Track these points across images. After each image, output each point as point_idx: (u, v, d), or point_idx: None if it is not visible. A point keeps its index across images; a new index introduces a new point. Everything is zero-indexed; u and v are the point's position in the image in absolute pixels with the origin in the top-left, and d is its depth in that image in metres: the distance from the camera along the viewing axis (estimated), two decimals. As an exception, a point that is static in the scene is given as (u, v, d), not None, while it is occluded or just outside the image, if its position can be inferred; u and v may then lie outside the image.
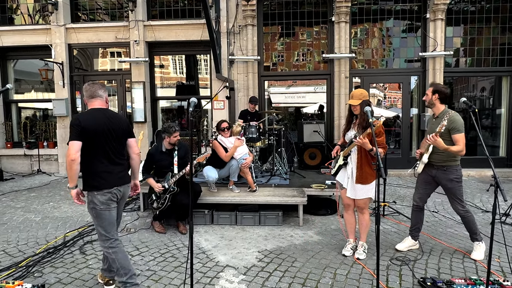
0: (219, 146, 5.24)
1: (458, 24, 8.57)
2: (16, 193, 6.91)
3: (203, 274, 3.50)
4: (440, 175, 3.77)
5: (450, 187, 3.75)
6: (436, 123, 3.69)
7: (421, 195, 3.99)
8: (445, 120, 3.47)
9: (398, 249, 4.02)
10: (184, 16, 8.92)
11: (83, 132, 2.82)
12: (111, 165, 2.99)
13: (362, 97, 3.60)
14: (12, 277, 3.43)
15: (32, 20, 9.44)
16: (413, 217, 4.09)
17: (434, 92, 3.76)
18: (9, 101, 9.59)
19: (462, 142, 3.57)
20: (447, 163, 3.71)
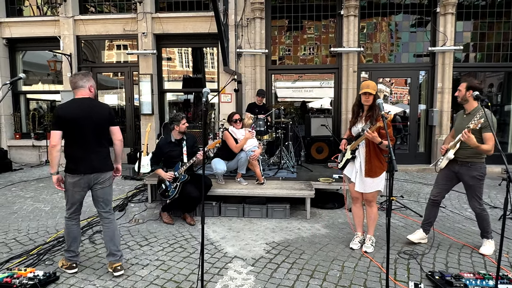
0: (230, 137, 5.26)
1: (469, 18, 8.47)
2: (25, 183, 6.99)
3: (212, 264, 3.53)
4: (463, 171, 3.70)
5: (471, 184, 3.69)
6: (468, 120, 3.61)
7: (440, 190, 3.95)
8: (481, 118, 3.39)
9: (409, 239, 4.01)
10: (192, 8, 8.90)
11: (61, 121, 3.06)
12: (88, 152, 3.17)
13: (376, 88, 3.59)
14: (23, 264, 3.48)
15: (40, 11, 9.46)
16: (427, 210, 4.07)
17: (468, 88, 3.61)
18: (17, 93, 9.66)
19: (492, 141, 3.45)
20: (472, 160, 3.64)
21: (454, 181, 3.88)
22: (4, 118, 9.25)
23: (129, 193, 6.17)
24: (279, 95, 10.18)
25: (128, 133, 9.35)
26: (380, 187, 3.69)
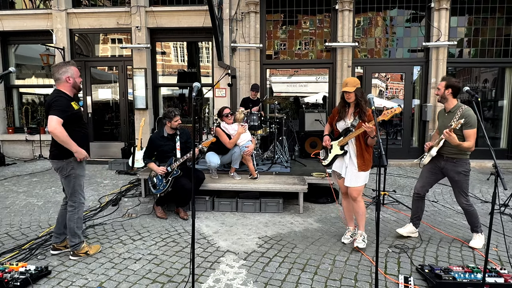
0: (223, 133, 5.26)
1: (463, 14, 8.49)
2: (18, 178, 6.95)
3: (204, 258, 3.55)
4: (449, 166, 3.76)
5: (457, 180, 3.75)
6: (449, 118, 3.70)
7: (424, 184, 4.00)
8: (461, 118, 3.53)
9: (398, 232, 4.05)
10: (186, 2, 8.83)
11: None
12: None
13: (355, 84, 3.56)
14: (15, 259, 3.48)
15: (33, 4, 9.36)
16: (414, 206, 4.12)
17: (447, 86, 3.70)
18: (10, 87, 9.58)
19: (473, 138, 3.55)
20: (458, 156, 3.70)
21: (439, 176, 3.94)
22: (-4, 112, 9.18)
23: (123, 187, 6.16)
24: (275, 89, 10.16)
25: (122, 127, 9.32)
26: (366, 181, 3.74)
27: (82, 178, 3.49)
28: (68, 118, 3.24)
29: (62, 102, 3.24)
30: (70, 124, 3.26)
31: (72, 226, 3.44)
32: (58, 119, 3.16)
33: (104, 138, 9.47)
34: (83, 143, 3.39)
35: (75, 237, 3.47)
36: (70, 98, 3.35)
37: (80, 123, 3.42)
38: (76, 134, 3.31)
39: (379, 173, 2.67)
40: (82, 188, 3.49)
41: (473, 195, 5.86)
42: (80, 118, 3.42)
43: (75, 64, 3.41)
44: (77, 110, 3.37)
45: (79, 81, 3.40)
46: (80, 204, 3.49)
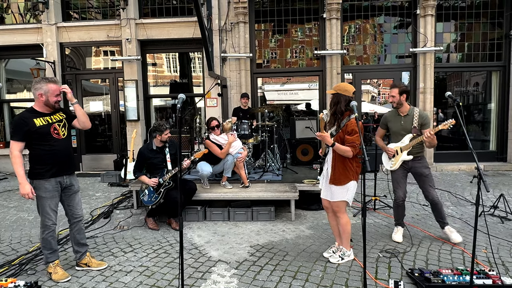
0: (213, 144, 5.30)
1: (448, 19, 8.65)
2: (9, 193, 6.90)
3: (195, 269, 3.54)
4: (417, 165, 4.02)
5: (427, 174, 3.99)
6: (409, 121, 4.00)
7: (404, 190, 4.14)
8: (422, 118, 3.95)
9: (396, 241, 4.11)
10: (176, 14, 8.92)
11: None
12: None
13: (338, 89, 3.47)
14: (5, 275, 3.45)
15: (23, 19, 9.38)
16: (399, 211, 4.20)
17: (402, 92, 4.00)
18: (0, 101, 9.55)
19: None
20: (420, 154, 4.06)
21: (406, 178, 4.17)
22: (-13, 127, 9.13)
23: (115, 200, 6.14)
24: (268, 98, 10.26)
25: (114, 139, 9.30)
26: (347, 197, 3.47)
27: (45, 200, 3.25)
28: (26, 136, 3.14)
29: (15, 123, 3.18)
30: (33, 141, 3.18)
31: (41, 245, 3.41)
32: (13, 143, 3.14)
33: (97, 151, 9.44)
34: (51, 161, 3.22)
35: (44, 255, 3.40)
36: (37, 114, 3.22)
37: (45, 139, 3.20)
38: (39, 152, 3.20)
39: (364, 178, 2.71)
40: (45, 211, 3.26)
41: (464, 198, 5.92)
42: (45, 134, 3.20)
43: (56, 82, 3.28)
44: (41, 126, 3.18)
45: (53, 100, 3.22)
46: (44, 226, 3.29)
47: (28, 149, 3.21)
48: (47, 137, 3.21)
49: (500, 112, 8.68)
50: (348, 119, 3.41)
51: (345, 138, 3.37)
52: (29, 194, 3.14)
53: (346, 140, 3.35)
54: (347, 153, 3.33)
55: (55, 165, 3.25)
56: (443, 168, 8.42)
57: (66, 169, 3.36)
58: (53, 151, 3.23)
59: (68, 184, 3.40)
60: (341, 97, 3.44)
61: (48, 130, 3.21)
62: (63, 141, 3.32)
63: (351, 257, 3.66)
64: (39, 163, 3.20)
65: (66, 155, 3.36)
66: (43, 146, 3.20)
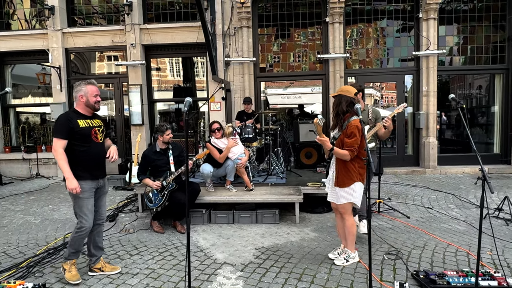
0: (213, 148, 5.35)
1: (451, 23, 8.68)
2: (15, 197, 6.96)
3: (201, 271, 3.57)
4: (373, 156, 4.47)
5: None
6: (364, 115, 4.55)
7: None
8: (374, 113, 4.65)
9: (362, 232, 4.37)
10: (180, 19, 9.00)
11: None
12: None
13: (340, 91, 3.52)
14: (13, 277, 3.49)
15: (29, 25, 9.50)
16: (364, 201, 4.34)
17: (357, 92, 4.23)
18: (7, 106, 9.64)
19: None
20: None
21: None
22: (-7, 132, 9.22)
23: (120, 203, 6.18)
24: (271, 102, 10.30)
25: (119, 143, 9.36)
26: (353, 199, 3.48)
27: (83, 201, 3.29)
28: (68, 135, 3.21)
29: (59, 121, 3.26)
30: (74, 141, 3.25)
31: (69, 241, 3.43)
32: (57, 140, 3.20)
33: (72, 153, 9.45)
34: (89, 163, 3.31)
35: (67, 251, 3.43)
36: (79, 115, 3.34)
37: (86, 141, 3.30)
38: (78, 154, 3.27)
39: (369, 180, 2.73)
40: (84, 211, 3.30)
41: (468, 201, 5.92)
42: (86, 136, 3.29)
43: (94, 83, 3.40)
44: (83, 127, 3.28)
45: (93, 100, 3.35)
46: (80, 226, 3.31)
47: (67, 151, 3.24)
48: (88, 139, 3.31)
49: (504, 115, 8.68)
50: (349, 121, 3.43)
51: (344, 141, 3.39)
52: (77, 188, 3.17)
53: (345, 143, 3.38)
54: (345, 157, 3.36)
55: (92, 167, 3.34)
56: (447, 171, 8.41)
57: (101, 172, 3.46)
58: (91, 153, 3.33)
59: (101, 185, 3.48)
60: (342, 98, 3.49)
61: (89, 133, 3.32)
62: (100, 145, 3.43)
63: (356, 259, 3.67)
64: (78, 164, 3.26)
65: (102, 158, 3.46)
66: (83, 147, 3.28)
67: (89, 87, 3.34)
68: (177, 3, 9.08)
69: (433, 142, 8.42)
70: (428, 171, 8.42)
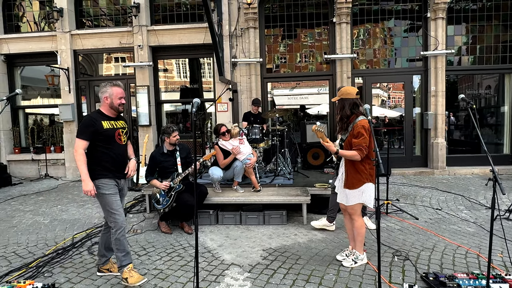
0: (219, 151, 5.38)
1: (460, 22, 8.59)
2: (24, 197, 7.03)
3: (209, 272, 3.57)
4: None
5: None
6: None
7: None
8: None
9: (313, 225, 4.68)
10: (186, 20, 9.04)
11: None
12: None
13: (341, 94, 3.48)
14: (23, 277, 3.52)
15: (38, 27, 9.61)
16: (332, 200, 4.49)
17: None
18: (16, 108, 9.75)
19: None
20: None
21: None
22: (3, 133, 9.33)
23: (128, 204, 6.21)
24: (277, 102, 10.30)
25: (127, 144, 9.40)
26: (362, 200, 3.46)
27: (110, 197, 3.27)
28: (91, 136, 3.19)
29: (83, 122, 3.24)
30: (97, 142, 3.23)
31: (113, 248, 3.35)
32: (79, 141, 3.18)
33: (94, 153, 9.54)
34: (111, 163, 3.29)
35: (118, 258, 3.33)
36: (103, 116, 3.31)
37: (109, 142, 3.26)
38: (101, 154, 3.25)
39: (378, 181, 2.71)
40: (114, 207, 3.28)
41: (478, 202, 5.85)
42: (110, 137, 3.27)
43: (119, 85, 3.35)
44: (107, 128, 3.25)
45: (117, 102, 3.31)
46: (116, 223, 3.28)
47: (89, 151, 3.24)
48: (111, 140, 3.28)
49: (514, 115, 8.58)
50: (355, 122, 3.41)
51: (352, 142, 3.38)
52: (92, 191, 3.15)
53: (353, 143, 3.35)
54: (354, 157, 3.34)
55: (113, 168, 3.32)
56: (455, 171, 8.33)
57: (122, 174, 3.42)
58: (114, 154, 3.30)
59: (121, 186, 3.46)
60: (345, 101, 3.45)
61: (113, 134, 3.30)
62: (123, 147, 3.41)
63: (364, 261, 3.64)
64: (100, 164, 3.25)
65: (124, 160, 3.44)
66: (106, 149, 3.26)
67: (114, 89, 3.31)
68: (184, 4, 9.12)
69: (441, 142, 8.34)
70: (437, 172, 8.34)
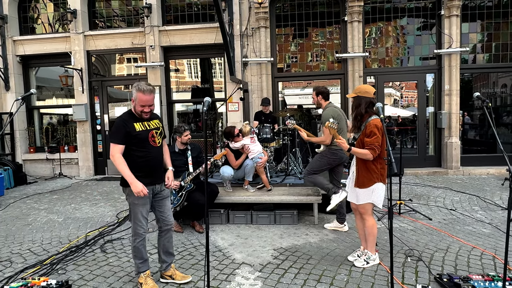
0: (231, 154, 5.39)
1: (474, 20, 8.44)
2: (39, 196, 7.16)
3: (220, 271, 3.57)
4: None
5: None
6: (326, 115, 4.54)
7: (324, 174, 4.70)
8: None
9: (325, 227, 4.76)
10: (198, 20, 9.08)
11: None
12: None
13: (358, 92, 3.46)
14: (37, 274, 3.58)
15: (52, 28, 9.77)
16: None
17: (318, 94, 4.53)
18: (31, 108, 9.93)
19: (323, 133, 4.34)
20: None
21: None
22: (19, 133, 9.51)
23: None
24: (288, 102, 10.27)
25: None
26: (372, 199, 3.45)
27: (137, 207, 3.12)
28: (125, 140, 3.03)
29: (115, 125, 3.08)
30: (131, 146, 3.06)
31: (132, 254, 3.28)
32: (113, 146, 3.02)
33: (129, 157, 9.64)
34: (146, 168, 3.11)
35: (136, 264, 3.25)
36: (135, 118, 3.11)
37: (143, 145, 3.08)
38: (135, 158, 3.08)
39: (390, 181, 2.67)
40: (138, 218, 3.13)
41: (494, 203, 5.73)
42: (143, 140, 3.08)
43: (144, 91, 3.03)
44: (140, 131, 3.07)
45: (139, 110, 3.07)
46: (136, 233, 3.15)
47: (123, 155, 3.05)
48: (145, 143, 3.09)
49: (531, 114, 8.38)
50: (368, 121, 3.38)
51: (364, 141, 3.35)
52: (143, 190, 2.97)
53: (365, 142, 3.33)
54: (366, 156, 3.31)
55: (149, 173, 3.13)
56: (470, 171, 8.18)
57: (158, 177, 3.23)
58: (148, 158, 3.11)
59: (158, 190, 3.25)
60: (362, 99, 3.43)
61: (146, 136, 3.10)
62: (157, 149, 3.19)
63: (376, 261, 3.60)
64: (133, 168, 3.04)
65: (159, 163, 3.25)
66: (140, 152, 3.08)
67: (139, 95, 3.03)
68: (195, 4, 9.17)
69: (455, 142, 8.20)
70: (451, 172, 8.21)
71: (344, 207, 4.63)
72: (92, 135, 9.42)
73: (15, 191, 7.75)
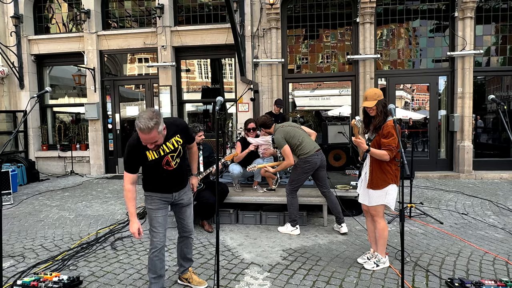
0: (239, 146, 5.44)
1: (489, 22, 8.33)
2: (51, 193, 7.26)
3: (229, 270, 3.58)
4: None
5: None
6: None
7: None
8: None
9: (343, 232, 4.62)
10: (209, 21, 9.12)
11: None
12: None
13: (377, 97, 3.42)
14: (49, 269, 3.64)
15: (66, 28, 9.91)
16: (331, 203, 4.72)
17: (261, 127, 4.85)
18: (44, 106, 10.08)
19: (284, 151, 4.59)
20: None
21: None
22: (32, 131, 9.66)
23: (150, 201, 6.31)
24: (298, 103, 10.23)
25: (149, 143, 9.55)
26: (386, 201, 3.42)
27: (152, 212, 3.00)
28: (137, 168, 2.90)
29: (128, 152, 2.86)
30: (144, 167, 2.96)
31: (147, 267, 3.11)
32: (125, 174, 2.87)
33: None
34: (160, 184, 3.00)
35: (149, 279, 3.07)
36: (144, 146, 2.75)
37: (156, 169, 2.92)
38: (150, 175, 2.99)
39: (402, 183, 2.65)
40: (153, 224, 3.00)
41: (507, 208, 5.64)
42: (156, 165, 2.89)
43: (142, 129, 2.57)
44: (152, 160, 2.85)
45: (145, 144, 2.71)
46: (152, 242, 3.01)
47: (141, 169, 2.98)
48: (158, 168, 2.91)
49: (546, 118, 8.21)
50: (384, 122, 3.37)
51: (381, 142, 3.33)
52: (136, 233, 2.83)
53: (382, 143, 3.31)
54: (384, 157, 3.28)
55: (164, 187, 3.03)
56: (482, 176, 8.06)
57: (176, 188, 3.10)
58: (164, 176, 2.98)
59: (176, 198, 3.12)
60: (380, 103, 3.41)
61: (159, 162, 2.89)
62: (174, 171, 2.99)
63: (386, 264, 3.57)
64: (148, 182, 3.02)
65: (178, 180, 3.10)
66: (156, 173, 2.95)
67: (139, 133, 2.63)
68: (206, 5, 9.22)
69: (468, 146, 8.10)
70: (463, 176, 8.10)
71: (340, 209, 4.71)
72: (104, 134, 9.53)
73: (28, 187, 7.88)
